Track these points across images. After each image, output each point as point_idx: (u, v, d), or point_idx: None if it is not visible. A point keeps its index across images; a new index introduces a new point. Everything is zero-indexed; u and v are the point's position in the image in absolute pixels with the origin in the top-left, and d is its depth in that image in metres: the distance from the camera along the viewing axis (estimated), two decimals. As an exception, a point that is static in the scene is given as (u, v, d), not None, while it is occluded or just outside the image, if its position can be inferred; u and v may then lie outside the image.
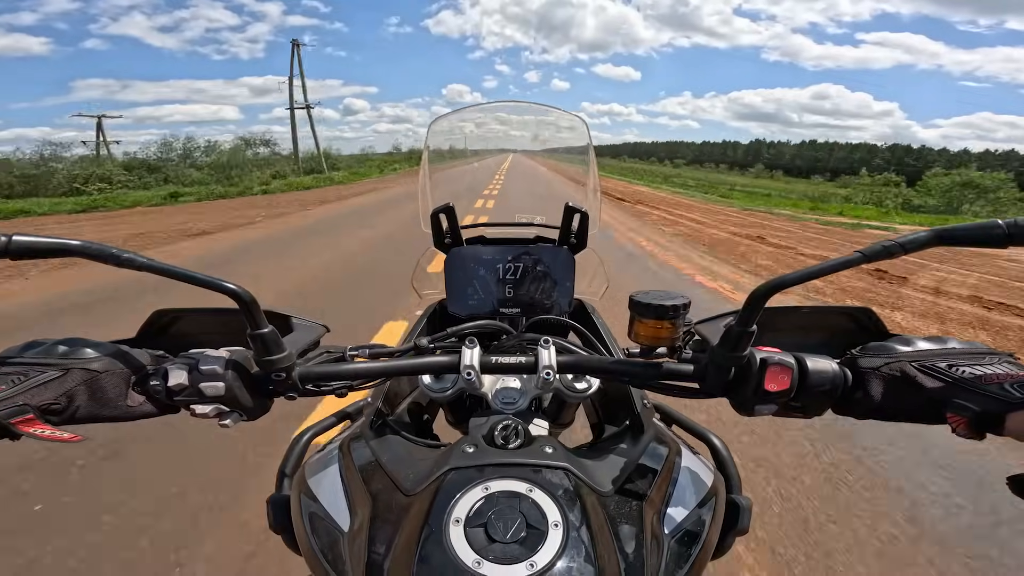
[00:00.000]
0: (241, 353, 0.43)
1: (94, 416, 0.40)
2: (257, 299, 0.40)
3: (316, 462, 0.50)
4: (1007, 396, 0.35)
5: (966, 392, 0.37)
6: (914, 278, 4.93)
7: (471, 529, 0.34)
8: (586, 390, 0.55)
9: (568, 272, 0.76)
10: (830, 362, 0.42)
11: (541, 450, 0.41)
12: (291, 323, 0.53)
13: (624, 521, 0.39)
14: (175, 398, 0.42)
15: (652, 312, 0.51)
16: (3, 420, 0.35)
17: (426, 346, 0.54)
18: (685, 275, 4.85)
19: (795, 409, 0.43)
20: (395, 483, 0.42)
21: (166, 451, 1.86)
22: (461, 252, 0.76)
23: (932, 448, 1.92)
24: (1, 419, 0.35)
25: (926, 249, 0.36)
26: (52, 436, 0.37)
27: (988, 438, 0.37)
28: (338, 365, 0.48)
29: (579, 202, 0.73)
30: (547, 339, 0.49)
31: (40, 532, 1.47)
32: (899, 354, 0.42)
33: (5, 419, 0.35)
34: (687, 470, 0.47)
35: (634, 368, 0.46)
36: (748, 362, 0.41)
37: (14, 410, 0.36)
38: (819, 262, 0.37)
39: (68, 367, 0.39)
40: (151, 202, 12.98)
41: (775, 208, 14.17)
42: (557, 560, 0.32)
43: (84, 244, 0.37)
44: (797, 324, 0.53)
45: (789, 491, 1.69)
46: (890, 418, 0.42)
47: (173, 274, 0.38)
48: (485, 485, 0.37)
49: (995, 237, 0.34)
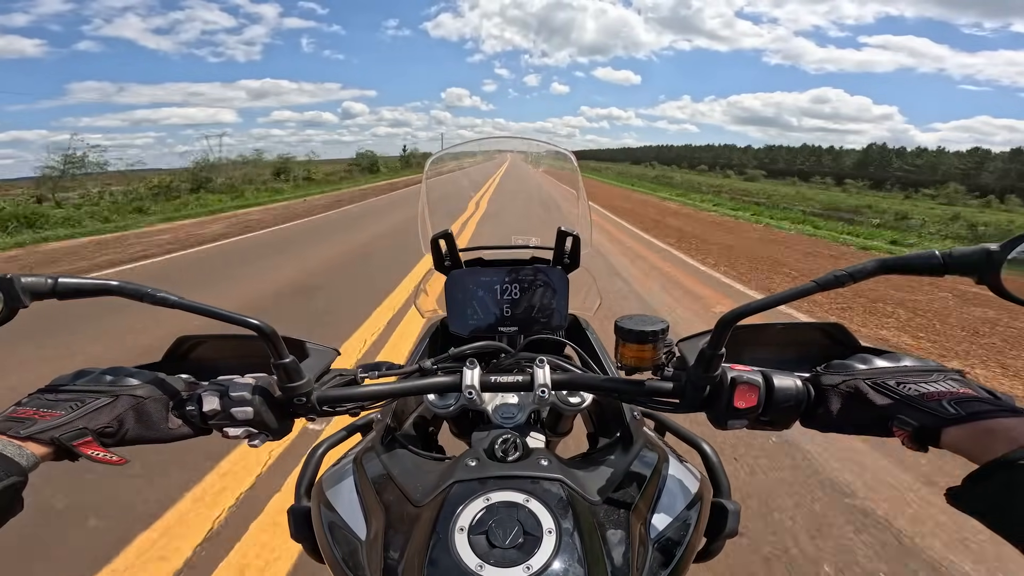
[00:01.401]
0: (265, 379, 0.48)
1: (141, 438, 0.45)
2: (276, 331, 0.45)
3: (333, 475, 0.54)
4: (943, 412, 0.38)
5: (909, 408, 0.40)
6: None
7: (474, 536, 0.37)
8: (580, 404, 0.59)
9: (562, 291, 0.80)
10: (795, 379, 0.46)
11: (537, 463, 0.45)
12: (306, 348, 0.57)
13: (612, 527, 0.42)
14: (209, 422, 0.46)
15: (634, 337, 0.55)
16: (67, 443, 0.39)
17: (429, 367, 0.58)
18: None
19: (764, 423, 0.46)
20: (405, 495, 0.46)
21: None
22: (460, 274, 0.80)
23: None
24: (65, 441, 0.39)
25: (872, 278, 0.39)
26: (105, 459, 0.42)
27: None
28: (351, 388, 0.52)
29: (571, 226, 0.78)
30: (542, 358, 0.53)
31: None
32: (856, 372, 0.45)
33: (68, 441, 0.39)
34: (673, 478, 0.51)
35: (621, 386, 0.51)
36: (720, 380, 0.45)
37: (75, 433, 0.40)
38: (780, 291, 0.41)
39: (117, 394, 0.44)
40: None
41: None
42: (551, 563, 0.36)
43: (121, 284, 0.41)
44: (773, 340, 0.56)
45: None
46: (848, 431, 0.45)
47: (202, 311, 0.43)
48: (486, 496, 0.40)
49: (933, 266, 0.37)
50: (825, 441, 2.06)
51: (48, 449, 0.39)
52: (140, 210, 11.61)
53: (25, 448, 0.38)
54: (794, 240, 8.67)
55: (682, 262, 6.19)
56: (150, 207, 12.17)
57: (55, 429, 0.40)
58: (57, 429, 0.40)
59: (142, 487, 1.77)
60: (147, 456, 0.66)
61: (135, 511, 1.67)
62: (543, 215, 1.00)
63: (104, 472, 0.69)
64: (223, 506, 1.69)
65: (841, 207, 22.30)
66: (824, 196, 35.57)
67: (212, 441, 0.51)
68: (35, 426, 0.39)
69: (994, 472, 0.32)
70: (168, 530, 1.58)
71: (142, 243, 7.63)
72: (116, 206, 11.61)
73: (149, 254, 6.60)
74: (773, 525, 1.63)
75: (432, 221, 0.84)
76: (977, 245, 0.37)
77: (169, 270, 5.75)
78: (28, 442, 0.38)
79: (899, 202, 36.32)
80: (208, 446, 1.16)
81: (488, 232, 1.30)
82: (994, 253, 0.36)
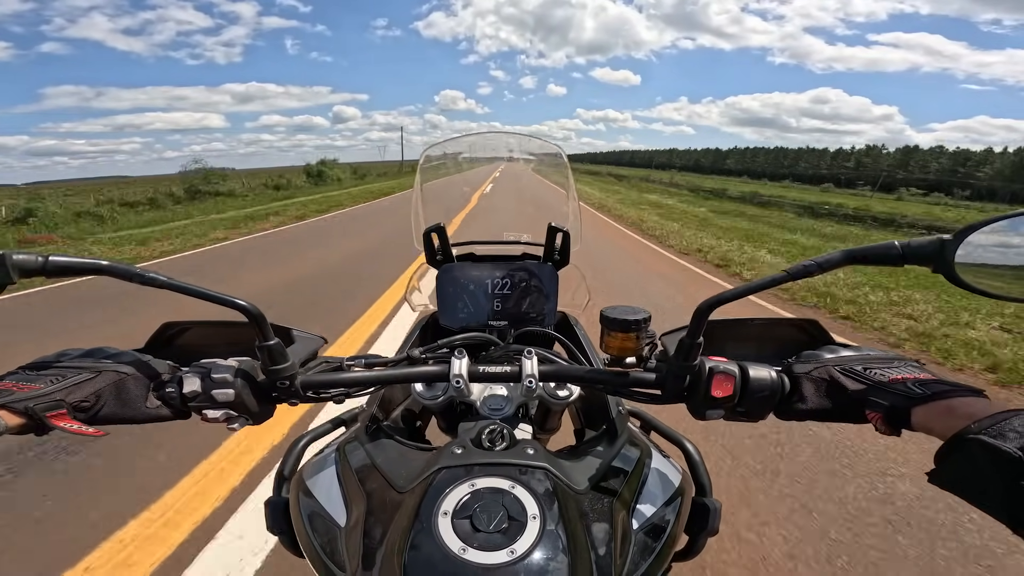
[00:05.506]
0: (248, 363, 0.47)
1: (116, 416, 0.44)
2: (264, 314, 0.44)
3: (314, 464, 0.53)
4: (910, 392, 0.41)
5: (879, 391, 0.43)
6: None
7: (458, 521, 0.37)
8: (567, 397, 0.60)
9: (552, 287, 0.80)
10: (769, 370, 0.47)
11: (524, 451, 0.45)
12: (292, 335, 0.57)
13: (596, 515, 0.43)
14: (189, 404, 0.45)
15: (618, 326, 0.56)
16: (39, 413, 0.39)
17: (418, 356, 0.58)
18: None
19: (741, 414, 0.48)
20: (389, 482, 0.45)
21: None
22: (452, 268, 0.80)
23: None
24: (38, 411, 0.39)
25: (839, 268, 0.41)
26: (79, 430, 0.41)
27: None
28: (336, 374, 0.52)
29: (561, 222, 0.78)
30: (530, 350, 0.53)
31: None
32: (825, 360, 0.47)
33: (41, 412, 0.39)
34: (656, 471, 0.51)
35: (606, 376, 0.51)
36: (699, 370, 0.46)
37: (50, 404, 0.40)
38: (752, 280, 0.43)
39: (100, 369, 0.44)
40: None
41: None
42: (535, 548, 0.36)
43: (111, 264, 0.41)
44: (751, 335, 0.58)
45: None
46: (823, 419, 0.47)
47: (190, 292, 0.42)
48: (472, 482, 0.40)
49: (892, 257, 0.40)
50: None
51: (21, 420, 0.39)
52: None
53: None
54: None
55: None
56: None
57: (30, 400, 0.39)
58: (32, 400, 0.39)
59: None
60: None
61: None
62: (534, 213, 1.01)
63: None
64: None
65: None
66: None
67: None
68: (11, 396, 0.39)
69: (957, 446, 0.35)
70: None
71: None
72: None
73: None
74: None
75: (426, 212, 0.85)
76: (932, 236, 0.39)
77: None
78: (2, 411, 0.38)
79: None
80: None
81: (480, 222, 1.32)
82: (947, 243, 0.38)
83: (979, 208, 40.15)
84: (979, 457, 0.33)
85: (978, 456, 0.33)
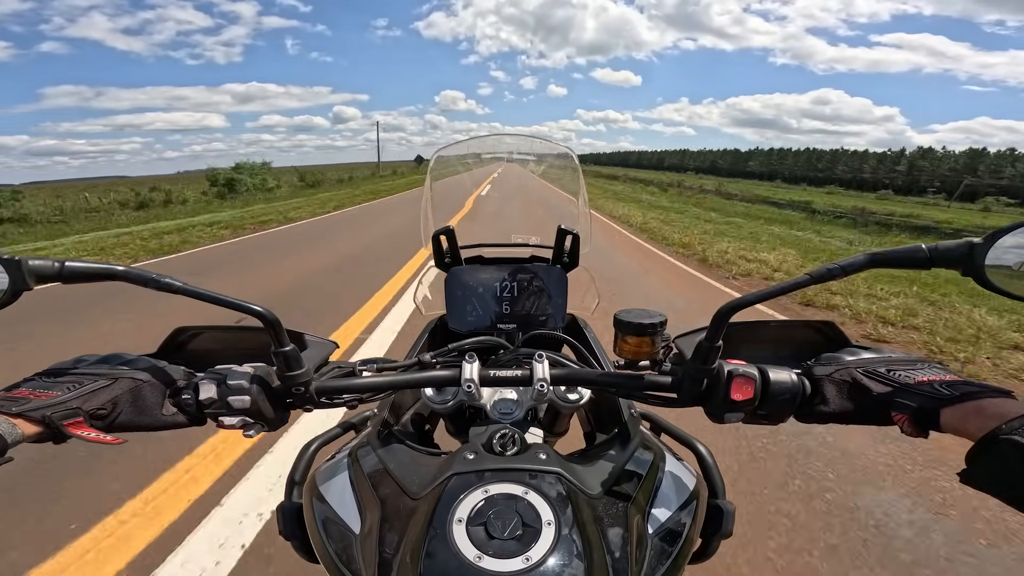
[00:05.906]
0: (264, 368, 0.47)
1: (133, 423, 0.44)
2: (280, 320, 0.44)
3: (327, 470, 0.53)
4: (938, 394, 0.40)
5: (905, 392, 0.42)
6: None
7: (472, 528, 0.37)
8: (578, 401, 0.59)
9: (561, 289, 0.80)
10: (790, 372, 0.46)
11: (536, 456, 0.45)
12: (304, 340, 0.57)
13: (611, 520, 0.42)
14: (205, 411, 0.46)
15: (633, 329, 0.56)
16: (56, 421, 0.39)
17: (428, 361, 0.58)
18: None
19: (761, 417, 0.47)
20: (402, 488, 0.45)
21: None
22: (461, 271, 0.80)
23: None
24: (55, 420, 0.39)
25: (863, 271, 0.41)
26: (96, 438, 0.41)
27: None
28: (349, 379, 0.52)
29: (571, 224, 0.78)
30: (541, 353, 0.53)
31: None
32: (846, 363, 0.47)
33: (58, 420, 0.39)
34: (670, 475, 0.51)
35: (620, 380, 0.51)
36: (717, 374, 0.46)
37: (67, 413, 0.40)
38: (774, 284, 0.42)
39: (116, 376, 0.44)
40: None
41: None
42: (550, 555, 0.36)
43: (127, 269, 0.41)
44: (767, 338, 0.57)
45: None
46: (845, 421, 0.46)
47: (206, 297, 0.43)
48: (485, 488, 0.40)
49: (919, 260, 0.39)
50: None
51: (38, 428, 0.39)
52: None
53: (15, 425, 0.37)
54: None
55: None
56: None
57: (48, 408, 0.39)
58: (49, 408, 0.39)
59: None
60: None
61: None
62: (542, 214, 1.01)
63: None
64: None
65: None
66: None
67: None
68: (28, 404, 0.39)
69: (988, 447, 0.35)
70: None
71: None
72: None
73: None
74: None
75: (435, 215, 0.85)
76: (961, 239, 0.39)
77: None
78: (19, 419, 0.38)
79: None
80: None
81: (486, 221, 1.31)
82: (977, 246, 0.38)
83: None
84: (1011, 456, 0.33)
85: (1010, 456, 0.33)
